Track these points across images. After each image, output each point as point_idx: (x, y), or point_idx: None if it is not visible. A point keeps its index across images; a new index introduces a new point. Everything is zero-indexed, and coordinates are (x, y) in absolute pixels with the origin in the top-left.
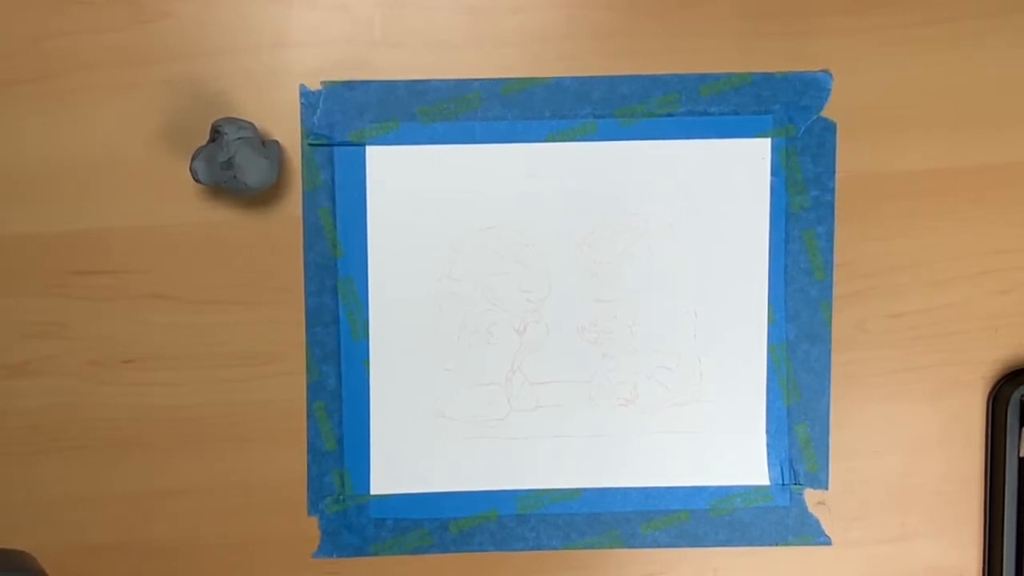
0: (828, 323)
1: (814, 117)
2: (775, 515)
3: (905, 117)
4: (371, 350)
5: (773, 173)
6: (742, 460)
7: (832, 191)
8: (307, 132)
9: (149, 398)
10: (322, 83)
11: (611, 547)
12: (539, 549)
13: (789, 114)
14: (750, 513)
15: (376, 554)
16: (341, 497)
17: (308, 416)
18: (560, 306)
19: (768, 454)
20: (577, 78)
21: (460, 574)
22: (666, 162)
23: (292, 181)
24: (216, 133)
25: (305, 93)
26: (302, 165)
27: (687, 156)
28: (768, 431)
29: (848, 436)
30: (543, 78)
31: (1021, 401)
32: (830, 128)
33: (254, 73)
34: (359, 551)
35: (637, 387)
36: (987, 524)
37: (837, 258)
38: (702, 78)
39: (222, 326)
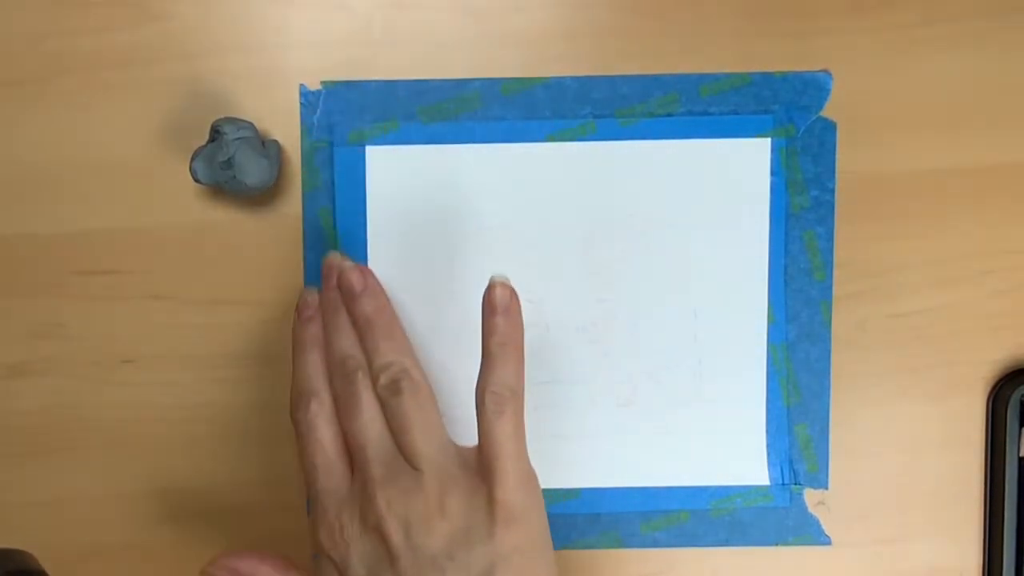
0: (828, 323)
1: (814, 117)
2: (775, 515)
3: (905, 117)
4: None
5: (773, 173)
6: (742, 460)
7: (832, 191)
8: (307, 132)
9: (149, 398)
10: (322, 83)
11: (610, 547)
12: None
13: (789, 114)
14: (750, 513)
15: None
16: None
17: None
18: (560, 306)
19: (768, 454)
20: (577, 78)
21: None
22: (666, 162)
23: (292, 181)
24: (216, 133)
25: (305, 93)
26: (302, 165)
27: (687, 156)
28: (768, 431)
29: (848, 436)
30: (543, 78)
31: (1021, 401)
32: (830, 128)
33: (254, 73)
34: None
35: (637, 387)
36: (987, 524)
37: (837, 258)
38: (702, 78)
39: (222, 326)
